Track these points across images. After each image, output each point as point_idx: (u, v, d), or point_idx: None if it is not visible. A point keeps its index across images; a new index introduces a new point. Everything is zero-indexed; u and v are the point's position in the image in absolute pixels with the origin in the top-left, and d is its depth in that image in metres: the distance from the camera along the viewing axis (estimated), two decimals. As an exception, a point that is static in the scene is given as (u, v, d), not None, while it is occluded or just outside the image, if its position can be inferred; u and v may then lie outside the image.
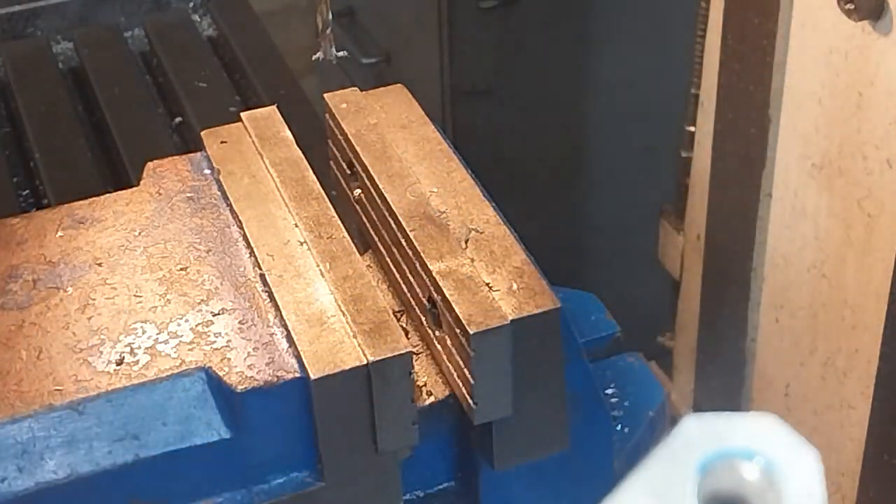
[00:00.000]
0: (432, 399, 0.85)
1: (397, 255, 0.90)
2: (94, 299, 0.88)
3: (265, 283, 0.87)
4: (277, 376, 0.80)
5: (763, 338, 1.42)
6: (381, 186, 0.92)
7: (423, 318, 0.86)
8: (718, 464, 0.24)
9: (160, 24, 1.34)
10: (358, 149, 0.96)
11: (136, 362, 0.83)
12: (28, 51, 1.31)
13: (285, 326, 0.82)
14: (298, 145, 0.99)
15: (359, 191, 0.97)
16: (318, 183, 0.95)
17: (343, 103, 1.01)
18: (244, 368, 0.80)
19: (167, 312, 0.87)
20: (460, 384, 0.83)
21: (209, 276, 0.89)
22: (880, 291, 1.20)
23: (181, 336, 0.84)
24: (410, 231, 0.87)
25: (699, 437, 0.23)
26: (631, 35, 1.62)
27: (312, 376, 0.78)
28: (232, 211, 0.94)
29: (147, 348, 0.84)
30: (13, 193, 1.17)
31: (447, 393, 0.85)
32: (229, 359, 0.81)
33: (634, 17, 1.61)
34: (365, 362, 0.78)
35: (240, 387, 0.79)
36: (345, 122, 0.99)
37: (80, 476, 0.77)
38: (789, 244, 1.34)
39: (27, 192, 1.18)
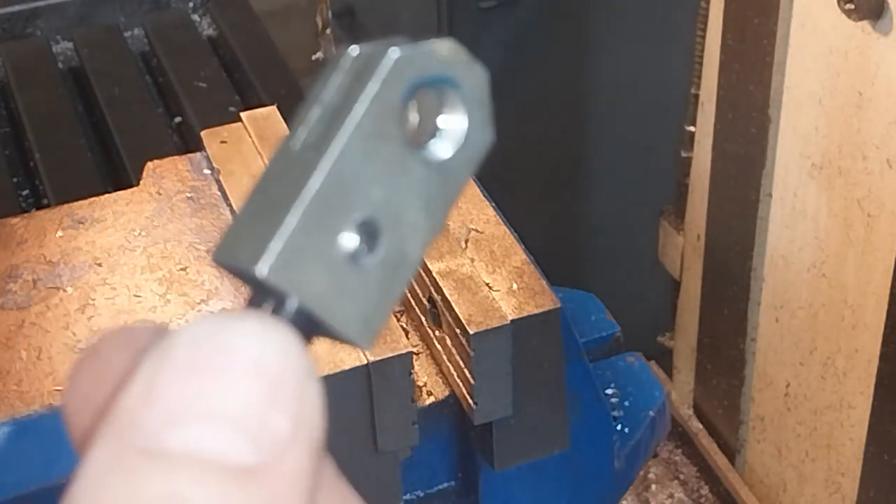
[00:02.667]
0: (432, 399, 0.85)
1: (397, 255, 0.90)
2: (93, 299, 0.88)
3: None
4: (278, 376, 0.79)
5: (763, 338, 1.42)
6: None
7: (423, 318, 0.86)
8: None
9: (160, 24, 1.34)
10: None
11: (137, 362, 0.82)
12: (28, 51, 1.31)
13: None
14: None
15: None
16: (318, 183, 0.94)
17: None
18: (244, 368, 0.80)
19: (167, 312, 0.87)
20: (460, 384, 0.83)
21: (209, 276, 0.89)
22: (880, 291, 1.20)
23: (181, 336, 0.84)
24: (410, 231, 0.87)
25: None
26: (631, 35, 1.62)
27: (313, 376, 0.77)
28: (232, 211, 0.94)
29: (147, 348, 0.84)
30: (13, 193, 1.17)
31: (447, 393, 0.85)
32: (230, 359, 0.81)
33: (634, 16, 1.61)
34: (365, 362, 0.78)
35: (240, 387, 0.79)
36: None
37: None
38: (789, 244, 1.34)
39: (27, 192, 1.18)
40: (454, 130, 0.28)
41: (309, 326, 0.27)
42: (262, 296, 0.27)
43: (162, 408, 0.24)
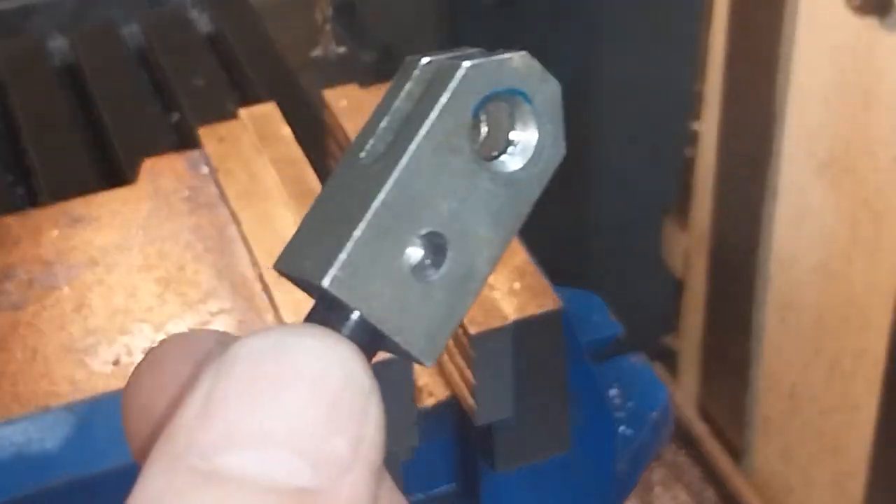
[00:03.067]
0: (433, 400, 0.84)
1: (397, 255, 0.89)
2: (90, 299, 0.87)
3: (264, 282, 0.86)
4: (275, 377, 0.79)
5: (768, 338, 1.42)
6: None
7: (424, 319, 0.85)
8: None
9: (157, 21, 1.33)
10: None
11: (133, 363, 0.82)
12: (22, 48, 1.30)
13: (283, 327, 0.81)
14: (298, 142, 0.98)
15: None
16: (317, 181, 0.94)
17: (343, 100, 1.00)
18: (241, 369, 0.79)
19: (164, 312, 0.86)
20: (461, 385, 0.82)
21: (207, 275, 0.89)
22: (887, 291, 1.19)
23: (178, 336, 0.83)
24: (410, 230, 0.86)
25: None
26: (634, 32, 1.61)
27: (310, 377, 0.77)
28: (230, 209, 0.93)
29: (144, 349, 0.83)
30: (8, 192, 1.16)
31: (448, 394, 0.84)
32: (226, 360, 0.80)
33: (637, 14, 1.60)
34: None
35: (237, 388, 0.78)
36: (344, 119, 0.98)
37: (76, 479, 0.76)
38: (795, 243, 1.33)
39: (22, 190, 1.17)
40: (525, 144, 0.28)
41: (371, 341, 0.26)
42: (325, 308, 0.26)
43: (219, 428, 0.23)
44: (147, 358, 0.27)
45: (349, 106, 0.99)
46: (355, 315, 0.26)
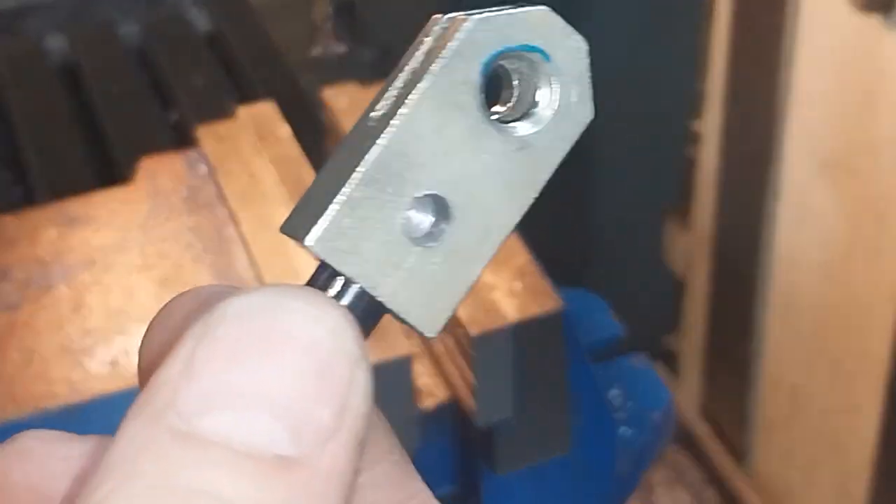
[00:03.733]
0: (433, 401, 0.84)
1: (397, 255, 0.88)
2: (87, 299, 0.87)
3: (262, 283, 0.85)
4: (274, 379, 0.78)
5: (770, 339, 1.41)
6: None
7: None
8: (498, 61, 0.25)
9: (155, 20, 1.33)
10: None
11: (132, 364, 0.82)
12: (20, 47, 1.30)
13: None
14: (297, 142, 0.97)
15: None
16: (316, 181, 0.93)
17: (342, 98, 0.99)
18: (239, 370, 0.79)
19: (162, 313, 0.85)
20: (461, 386, 0.81)
21: (206, 275, 0.88)
22: (890, 291, 1.19)
23: (176, 337, 0.83)
24: (410, 230, 0.85)
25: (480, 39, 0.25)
26: (635, 31, 1.61)
27: (309, 379, 0.76)
28: (229, 209, 0.93)
29: (141, 350, 0.83)
30: (5, 191, 1.15)
31: (448, 395, 0.84)
32: (224, 361, 0.80)
33: (638, 12, 1.60)
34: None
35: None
36: (344, 117, 0.97)
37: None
38: (797, 243, 1.32)
39: (19, 189, 1.17)
40: (544, 105, 0.26)
41: (373, 310, 0.25)
42: (323, 274, 0.25)
43: (200, 388, 0.22)
44: (159, 313, 0.27)
45: (349, 105, 0.99)
46: (355, 285, 0.25)
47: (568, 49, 0.26)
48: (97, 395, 0.79)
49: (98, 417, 0.78)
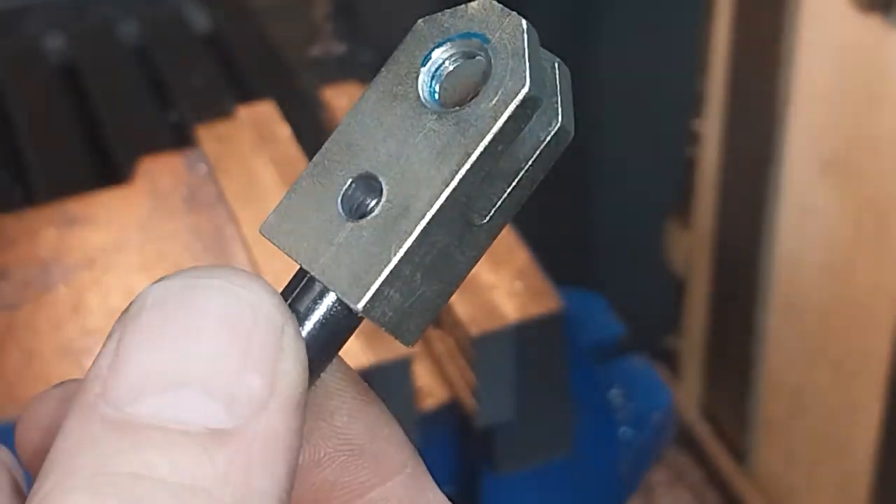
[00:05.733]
0: (433, 401, 0.83)
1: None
2: (87, 299, 0.87)
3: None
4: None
5: (772, 339, 1.41)
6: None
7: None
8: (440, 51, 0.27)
9: (154, 19, 1.32)
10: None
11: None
12: (20, 47, 1.29)
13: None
14: (296, 142, 0.97)
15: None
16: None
17: (342, 98, 0.99)
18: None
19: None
20: (462, 386, 0.81)
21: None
22: (892, 291, 1.19)
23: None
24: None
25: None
26: (635, 30, 1.60)
27: (309, 379, 0.76)
28: (228, 209, 0.92)
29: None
30: (4, 191, 1.15)
31: (448, 395, 0.83)
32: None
33: (638, 11, 1.60)
34: (365, 365, 0.77)
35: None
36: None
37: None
38: (798, 243, 1.32)
39: (19, 189, 1.17)
40: (474, 80, 0.26)
41: (348, 316, 0.26)
42: (300, 283, 0.26)
43: (128, 376, 0.23)
44: (24, 413, 0.28)
45: (349, 105, 0.99)
46: (329, 294, 0.25)
47: (505, 28, 0.27)
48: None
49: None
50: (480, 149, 0.26)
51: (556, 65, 0.28)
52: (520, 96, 0.26)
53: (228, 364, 0.23)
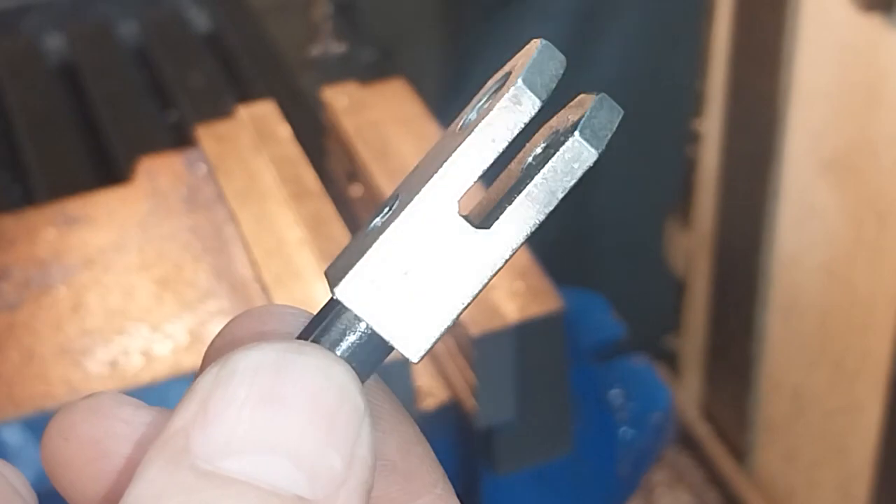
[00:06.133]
0: (433, 401, 0.83)
1: (397, 255, 0.88)
2: (86, 299, 0.87)
3: (262, 282, 0.85)
4: (273, 379, 0.78)
5: (771, 339, 1.41)
6: (380, 184, 0.90)
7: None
8: None
9: (154, 19, 1.32)
10: (357, 145, 0.94)
11: (130, 364, 0.81)
12: (18, 46, 1.29)
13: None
14: (296, 141, 0.97)
15: (359, 188, 0.95)
16: (316, 180, 0.93)
17: (342, 97, 0.99)
18: (239, 371, 0.78)
19: (162, 313, 0.85)
20: (462, 386, 0.81)
21: (205, 275, 0.88)
22: (892, 291, 1.18)
23: (176, 337, 0.83)
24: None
25: None
26: (635, 30, 1.60)
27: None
28: (228, 209, 0.92)
29: (142, 349, 0.83)
30: (4, 191, 1.15)
31: (449, 395, 0.83)
32: (224, 361, 0.79)
33: (638, 11, 1.60)
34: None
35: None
36: (344, 117, 0.97)
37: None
38: (798, 243, 1.32)
39: (18, 189, 1.16)
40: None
41: (373, 351, 0.27)
42: (331, 314, 0.27)
43: (218, 432, 0.24)
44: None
45: (348, 103, 0.98)
46: (362, 325, 0.26)
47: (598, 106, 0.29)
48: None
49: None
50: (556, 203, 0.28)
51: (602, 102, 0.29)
52: (589, 164, 0.29)
53: (315, 439, 0.24)
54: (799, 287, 1.34)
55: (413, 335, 0.26)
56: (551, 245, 1.11)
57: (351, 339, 0.26)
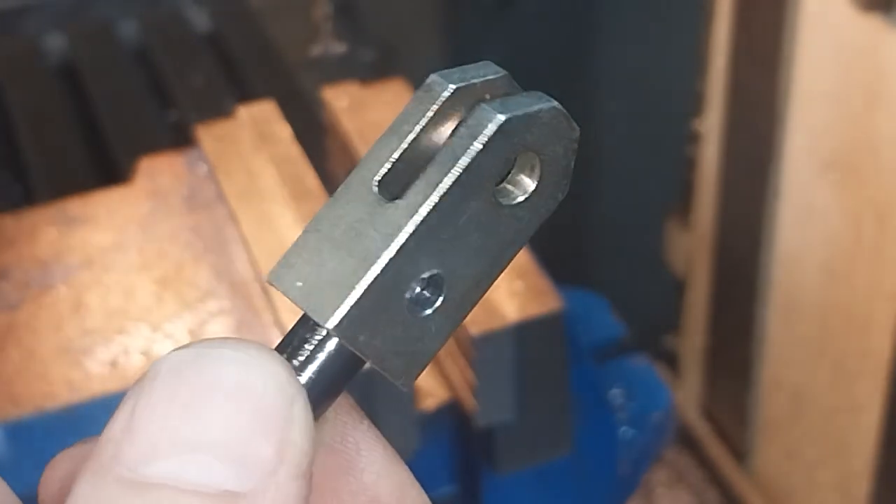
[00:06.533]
0: (434, 402, 0.83)
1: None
2: (87, 299, 0.87)
3: (262, 282, 0.85)
4: (274, 379, 0.78)
5: (772, 339, 1.41)
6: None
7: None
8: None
9: (155, 19, 1.32)
10: (357, 145, 0.94)
11: (131, 364, 0.81)
12: (19, 46, 1.29)
13: (283, 328, 0.80)
14: (297, 141, 0.97)
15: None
16: (316, 181, 0.93)
17: (342, 97, 0.99)
18: (239, 371, 0.78)
19: (162, 313, 0.85)
20: (462, 386, 0.81)
21: (205, 275, 0.88)
22: (892, 291, 1.18)
23: (177, 337, 0.83)
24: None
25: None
26: (634, 30, 1.60)
27: (309, 379, 0.76)
28: (229, 209, 0.92)
29: (142, 349, 0.83)
30: (3, 191, 1.15)
31: (448, 395, 0.83)
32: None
33: (637, 12, 1.60)
34: (366, 363, 0.77)
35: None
36: (344, 117, 0.97)
37: (70, 481, 0.75)
38: (799, 243, 1.32)
39: (19, 189, 1.17)
40: (535, 187, 0.28)
41: (354, 363, 0.27)
42: (306, 327, 0.27)
43: (142, 440, 0.24)
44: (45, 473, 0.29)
45: (349, 105, 0.98)
46: (335, 340, 0.26)
47: (565, 142, 0.28)
48: (97, 395, 0.79)
49: (97, 417, 0.78)
50: (521, 247, 0.28)
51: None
52: (558, 202, 0.29)
53: (241, 431, 0.24)
54: (799, 287, 1.34)
55: (329, 302, 0.26)
56: (551, 245, 1.11)
57: (300, 333, 0.26)
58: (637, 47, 1.60)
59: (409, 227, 0.26)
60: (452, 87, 0.27)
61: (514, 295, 0.81)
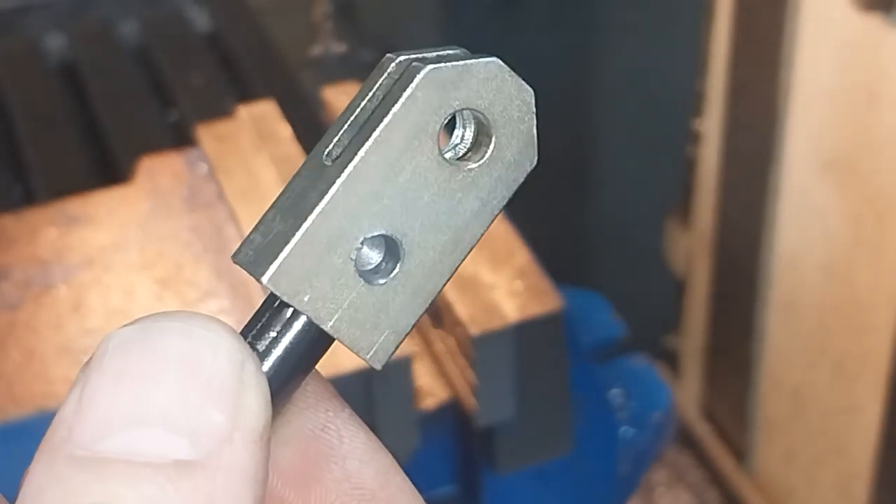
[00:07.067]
0: (434, 401, 0.83)
1: (397, 254, 0.88)
2: (87, 299, 0.87)
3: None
4: (274, 378, 0.78)
5: (772, 338, 1.41)
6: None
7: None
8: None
9: (155, 19, 1.32)
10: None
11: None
12: (20, 46, 1.29)
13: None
14: (297, 141, 0.97)
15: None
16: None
17: (343, 97, 0.99)
18: (239, 370, 0.78)
19: (161, 313, 0.85)
20: (462, 386, 0.81)
21: (206, 275, 0.88)
22: (892, 291, 1.18)
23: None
24: (411, 229, 0.85)
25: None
26: (635, 30, 1.60)
27: (310, 379, 0.76)
28: (229, 208, 0.92)
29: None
30: (4, 191, 1.15)
31: (448, 395, 0.83)
32: (224, 360, 0.79)
33: (638, 11, 1.60)
34: (364, 364, 0.77)
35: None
36: (344, 117, 0.97)
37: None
38: (799, 243, 1.32)
39: (19, 189, 1.16)
40: (490, 150, 0.27)
41: (322, 339, 0.27)
42: (272, 306, 0.27)
43: (93, 418, 0.24)
44: None
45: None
46: (301, 317, 0.26)
47: (517, 103, 0.28)
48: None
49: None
50: (492, 218, 0.28)
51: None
52: (528, 169, 0.28)
53: (190, 400, 0.24)
54: (799, 286, 1.34)
55: (267, 259, 0.26)
56: (551, 245, 1.11)
57: (264, 308, 0.26)
58: (637, 47, 1.60)
59: (340, 179, 0.26)
60: (399, 59, 0.27)
61: (514, 295, 0.81)
